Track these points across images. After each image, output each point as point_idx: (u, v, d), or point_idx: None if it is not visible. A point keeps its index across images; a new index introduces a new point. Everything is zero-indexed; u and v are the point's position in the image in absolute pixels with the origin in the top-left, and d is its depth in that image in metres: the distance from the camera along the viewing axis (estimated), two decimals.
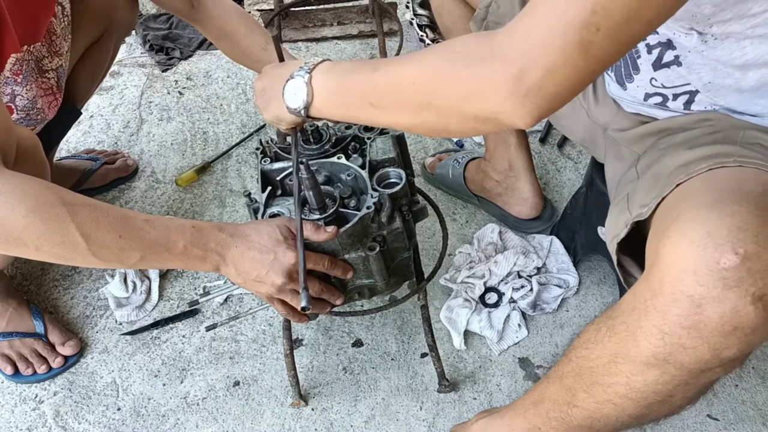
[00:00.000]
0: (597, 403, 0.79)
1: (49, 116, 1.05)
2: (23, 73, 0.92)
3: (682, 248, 0.64)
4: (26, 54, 0.96)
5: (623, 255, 0.84)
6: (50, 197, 0.76)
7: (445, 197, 1.51)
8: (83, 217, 0.77)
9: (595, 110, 1.04)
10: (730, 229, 0.62)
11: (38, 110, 0.99)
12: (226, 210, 1.53)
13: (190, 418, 1.18)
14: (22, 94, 0.95)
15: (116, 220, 0.80)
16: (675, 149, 0.84)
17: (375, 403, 1.18)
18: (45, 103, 1.03)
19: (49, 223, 0.75)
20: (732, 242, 0.61)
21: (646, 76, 0.88)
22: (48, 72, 1.04)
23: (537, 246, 1.37)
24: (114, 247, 0.80)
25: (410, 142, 1.61)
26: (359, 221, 0.91)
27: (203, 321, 1.32)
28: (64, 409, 1.20)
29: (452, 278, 1.33)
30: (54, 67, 1.05)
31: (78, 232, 0.76)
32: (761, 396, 1.16)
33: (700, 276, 0.62)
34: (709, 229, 0.63)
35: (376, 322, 1.30)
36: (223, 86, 1.86)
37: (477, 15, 1.11)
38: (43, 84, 1.02)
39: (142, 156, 1.67)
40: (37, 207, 0.75)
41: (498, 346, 1.24)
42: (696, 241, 0.63)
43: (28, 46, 0.96)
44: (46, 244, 0.77)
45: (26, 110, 0.97)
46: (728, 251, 0.61)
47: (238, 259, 0.88)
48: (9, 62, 0.89)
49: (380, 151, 0.99)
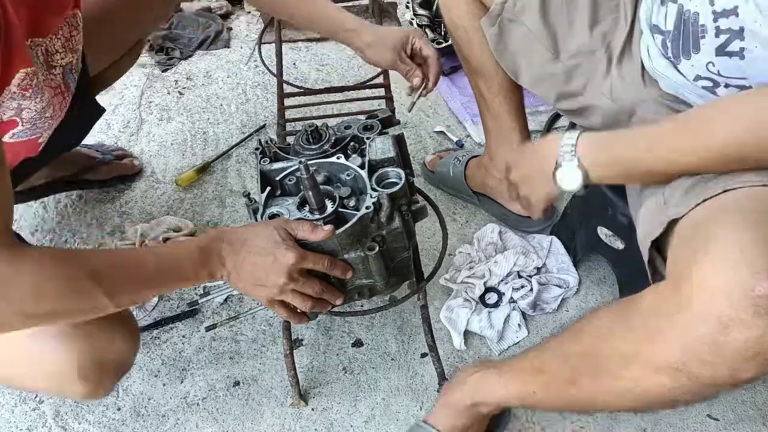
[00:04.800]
0: (599, 391, 0.80)
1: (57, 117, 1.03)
2: (33, 87, 0.91)
3: (717, 269, 0.65)
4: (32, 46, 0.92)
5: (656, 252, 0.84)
6: (77, 276, 0.79)
7: (445, 197, 1.51)
8: (109, 283, 0.81)
9: (621, 91, 1.03)
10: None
11: (46, 118, 0.98)
12: (226, 210, 1.53)
13: (190, 418, 1.18)
14: (29, 107, 0.92)
15: (135, 273, 0.85)
16: None
17: (375, 403, 1.18)
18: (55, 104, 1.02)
19: (81, 298, 0.80)
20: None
21: (705, 58, 0.86)
22: (55, 68, 1.02)
23: (537, 246, 1.37)
24: (136, 296, 0.88)
25: (410, 142, 1.61)
26: (358, 221, 0.91)
27: (203, 321, 1.32)
28: (64, 409, 1.20)
29: (452, 278, 1.33)
30: (63, 64, 1.03)
31: (107, 299, 0.81)
32: (761, 396, 1.16)
33: (733, 300, 0.63)
34: (747, 253, 0.64)
35: (376, 322, 1.30)
36: (223, 86, 1.86)
37: (492, 11, 1.11)
38: (51, 82, 1.01)
39: (142, 156, 1.67)
40: (68, 293, 0.78)
41: (498, 346, 1.24)
42: (733, 264, 0.64)
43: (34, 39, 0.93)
44: (77, 314, 0.84)
45: (32, 121, 0.95)
46: (764, 279, 0.62)
47: (238, 265, 0.89)
48: (18, 78, 0.87)
49: (379, 151, 0.99)
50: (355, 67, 1.85)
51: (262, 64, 1.50)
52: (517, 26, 1.09)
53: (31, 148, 1.02)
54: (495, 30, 1.11)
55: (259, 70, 1.87)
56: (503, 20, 1.10)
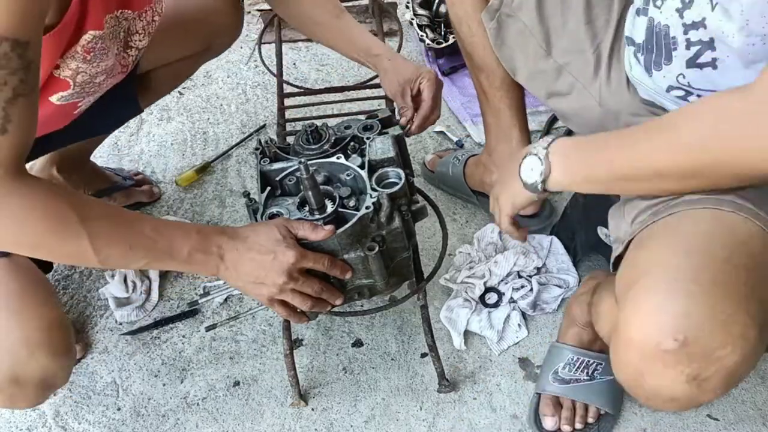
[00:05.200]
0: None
1: (104, 89, 1.03)
2: (95, 51, 0.89)
3: (630, 322, 0.71)
4: (112, 21, 0.92)
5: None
6: (69, 214, 0.79)
7: (445, 197, 1.51)
8: (97, 234, 0.81)
9: (608, 96, 1.03)
10: (677, 314, 0.67)
11: (95, 84, 0.97)
12: (226, 210, 1.53)
13: (190, 418, 1.18)
14: (86, 71, 0.91)
15: (127, 231, 0.84)
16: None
17: (375, 403, 1.18)
18: (113, 79, 1.01)
19: (65, 241, 0.80)
20: (674, 329, 0.66)
21: (677, 69, 0.87)
22: (131, 49, 1.02)
23: (537, 246, 1.36)
24: (122, 257, 0.85)
25: (410, 142, 1.61)
26: (358, 221, 0.91)
27: (203, 321, 1.32)
28: (64, 409, 1.20)
29: (452, 278, 1.33)
30: (139, 47, 1.03)
31: (91, 249, 0.80)
32: (761, 396, 1.16)
33: (644, 353, 0.69)
34: (659, 310, 0.69)
35: (376, 322, 1.30)
36: (223, 86, 1.86)
37: (491, 5, 1.11)
38: (123, 60, 1.01)
39: (142, 156, 1.67)
40: (56, 227, 0.79)
41: (498, 346, 1.24)
42: (644, 319, 0.69)
43: (118, 11, 0.93)
44: (59, 255, 0.85)
45: (82, 85, 0.93)
46: (669, 337, 0.66)
47: (237, 262, 0.88)
48: (84, 39, 0.86)
49: (379, 151, 0.99)
50: (355, 67, 1.85)
51: (262, 64, 1.49)
52: (514, 21, 1.10)
53: (67, 115, 1.01)
54: (494, 24, 1.12)
55: (259, 70, 1.87)
56: (501, 15, 1.11)
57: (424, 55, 1.86)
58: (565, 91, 1.09)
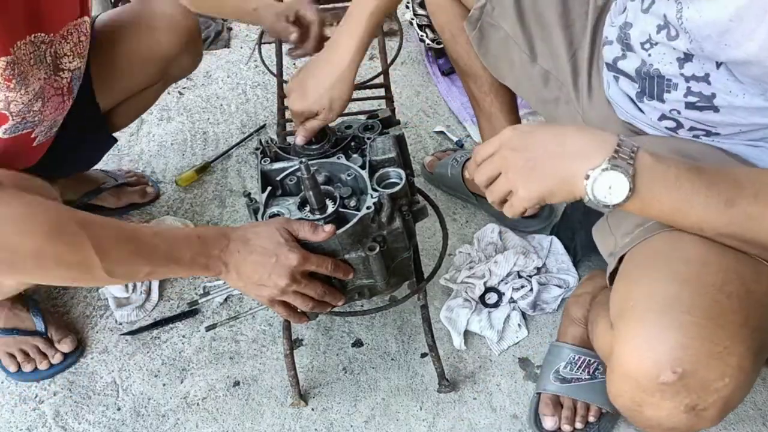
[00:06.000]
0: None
1: (52, 118, 1.04)
2: (16, 77, 0.89)
3: (628, 352, 0.70)
4: (29, 46, 0.92)
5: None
6: (65, 219, 0.78)
7: (445, 197, 1.51)
8: (98, 235, 0.80)
9: (590, 112, 1.03)
10: (673, 346, 0.67)
11: (35, 112, 0.98)
12: (226, 210, 1.53)
13: (190, 418, 1.18)
14: (16, 100, 0.92)
15: (128, 236, 0.83)
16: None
17: (375, 403, 1.18)
18: (52, 104, 1.02)
19: (67, 246, 0.78)
20: (671, 361, 0.67)
21: (669, 106, 0.85)
22: (63, 72, 1.02)
23: (537, 246, 1.37)
24: (126, 263, 0.83)
25: (410, 142, 1.61)
26: (359, 221, 0.91)
27: (203, 321, 1.32)
28: (64, 409, 1.20)
29: (452, 278, 1.33)
30: (72, 68, 1.04)
31: (94, 251, 0.79)
32: (761, 396, 1.16)
33: (641, 385, 0.69)
34: (654, 342, 0.68)
35: (376, 322, 1.30)
36: (223, 86, 1.86)
37: (471, 15, 1.11)
38: (55, 83, 1.01)
39: (142, 156, 1.67)
40: (54, 231, 0.77)
41: (498, 346, 1.24)
42: (641, 353, 0.69)
43: (32, 36, 0.92)
44: (62, 266, 0.79)
45: (22, 114, 0.94)
46: (667, 369, 0.67)
47: (240, 264, 0.88)
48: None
49: (380, 151, 0.99)
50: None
51: (262, 64, 1.49)
52: (496, 30, 1.10)
53: (26, 147, 1.02)
54: (477, 33, 1.12)
55: (259, 70, 1.87)
56: (483, 24, 1.11)
57: (424, 55, 1.86)
58: (552, 98, 1.09)
